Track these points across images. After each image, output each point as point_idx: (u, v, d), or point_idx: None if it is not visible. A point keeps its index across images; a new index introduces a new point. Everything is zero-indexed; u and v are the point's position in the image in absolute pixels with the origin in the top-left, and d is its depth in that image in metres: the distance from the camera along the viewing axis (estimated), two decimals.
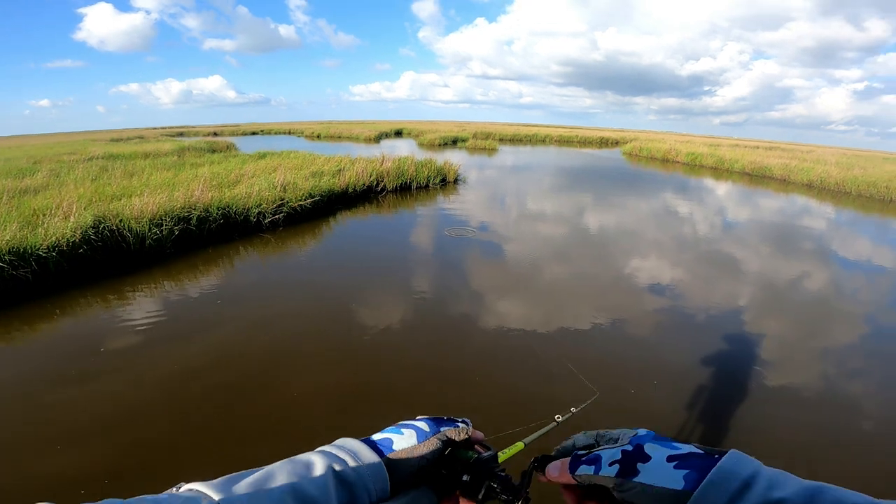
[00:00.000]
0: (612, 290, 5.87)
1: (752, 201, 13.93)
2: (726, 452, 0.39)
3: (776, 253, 8.08)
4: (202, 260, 6.62)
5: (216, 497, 0.36)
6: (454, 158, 15.81)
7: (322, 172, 10.41)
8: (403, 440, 0.50)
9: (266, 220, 7.56)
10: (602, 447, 0.47)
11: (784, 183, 18.06)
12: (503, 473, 0.52)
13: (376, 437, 0.51)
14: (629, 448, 0.44)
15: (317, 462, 0.44)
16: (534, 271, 6.44)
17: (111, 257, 6.05)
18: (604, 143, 40.20)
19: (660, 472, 0.40)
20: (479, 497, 0.50)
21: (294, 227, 8.02)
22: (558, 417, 0.82)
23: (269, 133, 49.58)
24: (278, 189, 7.99)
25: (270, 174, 9.36)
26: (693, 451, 0.41)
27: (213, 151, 19.56)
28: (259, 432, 3.06)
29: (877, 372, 4.16)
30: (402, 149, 23.78)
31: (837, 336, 4.96)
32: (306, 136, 40.25)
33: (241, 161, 13.03)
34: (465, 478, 0.51)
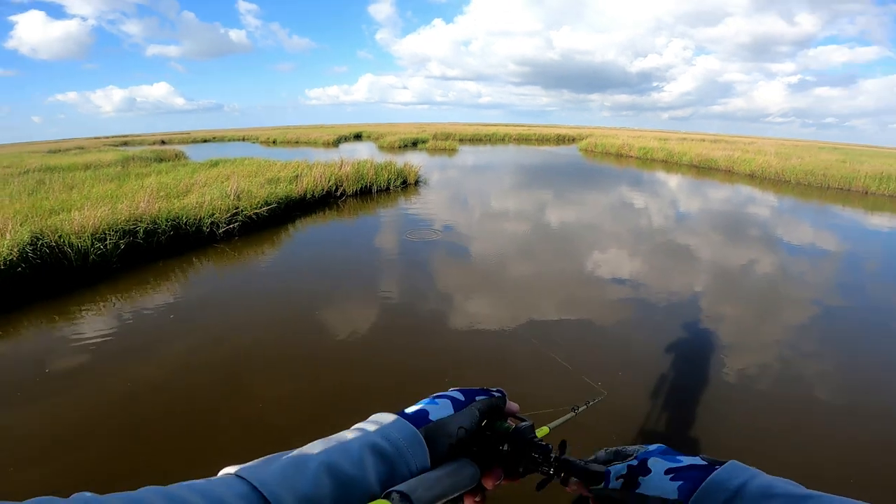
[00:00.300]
0: (575, 283, 6.12)
1: (701, 192, 14.77)
2: (726, 463, 0.42)
3: (728, 241, 8.63)
4: (153, 274, 6.40)
5: (251, 479, 0.36)
6: (414, 160, 15.88)
7: (278, 179, 10.23)
8: (439, 410, 0.49)
9: (220, 231, 7.38)
10: (615, 463, 0.50)
11: (729, 174, 19.20)
12: (543, 443, 0.51)
13: (410, 409, 0.49)
14: (634, 463, 0.47)
15: (352, 439, 0.43)
16: (496, 271, 6.62)
17: (53, 275, 5.75)
18: (561, 140, 41.36)
19: (657, 483, 0.43)
20: (521, 469, 0.49)
21: (251, 237, 7.87)
22: (575, 408, 0.87)
23: (222, 140, 47.90)
24: (231, 197, 7.81)
25: (223, 182, 9.12)
26: (695, 462, 0.44)
27: (161, 161, 18.77)
28: (226, 446, 3.02)
29: (829, 352, 4.44)
30: (362, 152, 23.63)
31: (789, 319, 5.27)
32: (262, 143, 39.15)
33: (191, 170, 12.59)
34: (504, 447, 0.49)
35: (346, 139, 39.80)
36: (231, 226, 7.45)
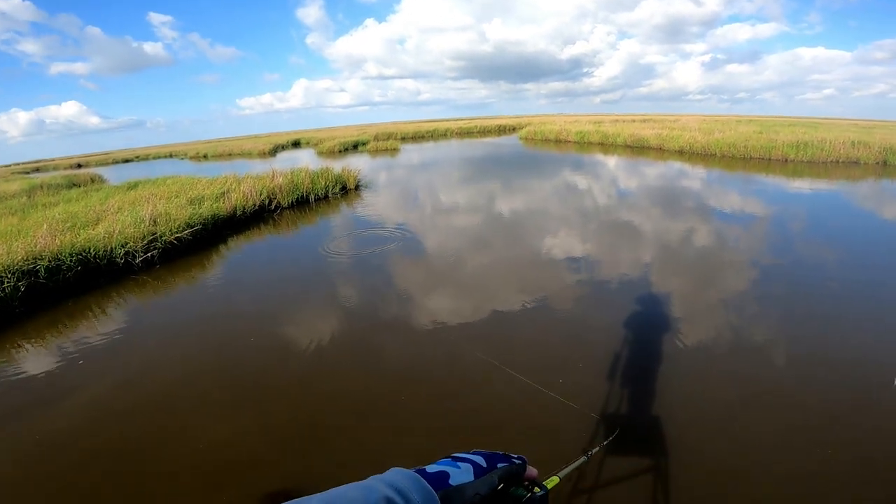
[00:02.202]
0: (528, 270, 6.06)
1: (638, 171, 15.34)
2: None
3: (668, 215, 8.95)
4: (65, 314, 5.72)
5: None
6: (356, 163, 15.41)
7: (203, 198, 9.49)
8: (460, 474, 0.49)
9: (138, 260, 6.70)
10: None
11: (660, 151, 20.15)
12: None
13: (430, 468, 0.50)
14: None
15: (368, 493, 0.43)
16: (446, 276, 6.44)
17: None
18: (502, 130, 41.92)
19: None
20: None
21: (175, 263, 7.21)
22: (588, 453, 0.88)
23: (146, 159, 44.63)
24: (147, 223, 7.10)
25: (139, 207, 8.32)
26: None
27: (75, 186, 17.11)
28: (166, 496, 2.73)
29: (772, 314, 4.62)
30: (302, 160, 22.72)
31: (730, 283, 5.52)
32: (191, 158, 36.86)
33: (105, 195, 11.48)
34: None
35: (283, 148, 38.26)
36: (149, 254, 6.78)
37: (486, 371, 3.77)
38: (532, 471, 0.57)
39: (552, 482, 0.63)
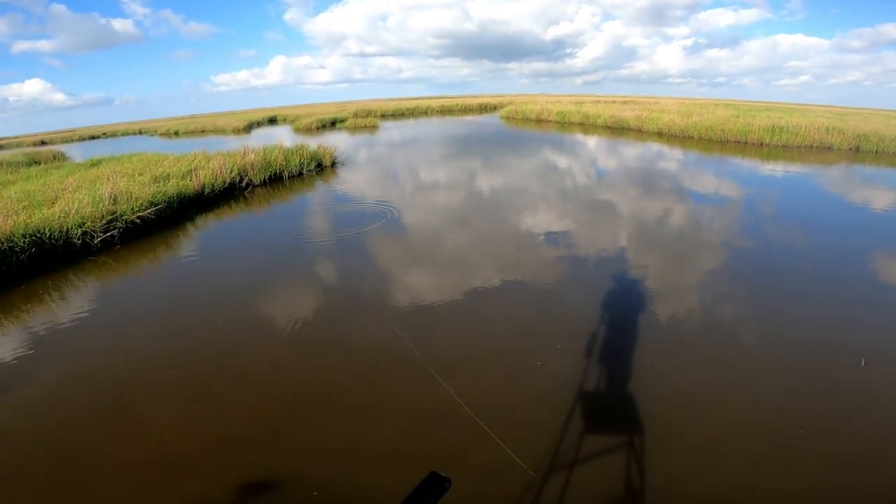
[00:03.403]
0: (507, 249, 6.00)
1: (618, 151, 15.34)
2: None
3: (646, 195, 8.99)
4: (18, 298, 5.44)
5: None
6: (334, 140, 14.99)
7: (168, 175, 9.10)
8: None
9: (96, 241, 6.40)
10: None
11: (640, 133, 20.18)
12: None
13: None
14: None
15: None
16: (414, 260, 6.34)
17: None
18: (483, 108, 41.35)
19: None
20: None
21: (138, 243, 6.92)
22: None
23: (113, 135, 42.71)
24: (107, 202, 6.77)
25: (99, 185, 7.93)
26: None
27: (35, 164, 16.24)
28: (118, 488, 2.64)
29: (745, 295, 4.69)
30: (277, 137, 22.05)
31: (705, 263, 5.62)
32: (161, 135, 35.37)
33: (65, 172, 10.92)
34: None
35: (259, 125, 37.01)
36: (108, 234, 6.48)
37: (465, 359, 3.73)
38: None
39: None
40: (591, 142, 17.84)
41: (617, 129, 21.67)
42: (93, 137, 42.21)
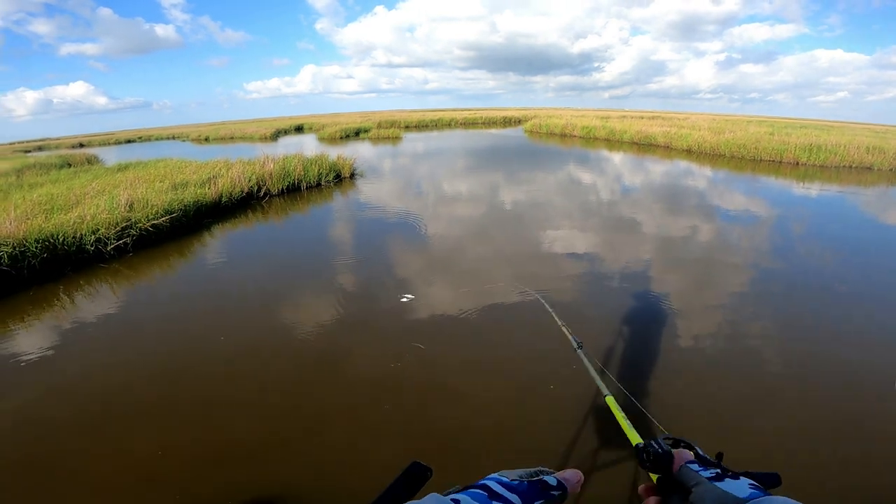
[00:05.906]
0: (531, 261, 5.70)
1: (644, 168, 14.85)
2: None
3: (676, 212, 8.60)
4: (30, 303, 5.42)
5: None
6: (357, 150, 15.02)
7: (187, 183, 9.13)
8: None
9: (109, 248, 6.37)
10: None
11: (668, 150, 19.57)
12: None
13: (465, 496, 0.45)
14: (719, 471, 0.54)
15: None
16: (429, 280, 6.09)
17: None
18: (507, 122, 41.24)
19: (738, 486, 0.49)
20: None
21: (150, 252, 6.87)
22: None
23: (149, 140, 44.29)
24: (123, 208, 6.76)
25: (119, 191, 7.98)
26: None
27: (67, 166, 16.82)
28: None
29: (766, 313, 4.52)
30: (302, 145, 22.39)
31: (732, 284, 5.34)
32: (193, 140, 36.51)
33: (92, 177, 11.15)
34: None
35: (286, 132, 37.81)
36: (122, 241, 6.44)
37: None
38: (573, 485, 0.52)
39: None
40: (617, 158, 17.36)
41: (644, 146, 21.10)
42: (129, 141, 43.88)
